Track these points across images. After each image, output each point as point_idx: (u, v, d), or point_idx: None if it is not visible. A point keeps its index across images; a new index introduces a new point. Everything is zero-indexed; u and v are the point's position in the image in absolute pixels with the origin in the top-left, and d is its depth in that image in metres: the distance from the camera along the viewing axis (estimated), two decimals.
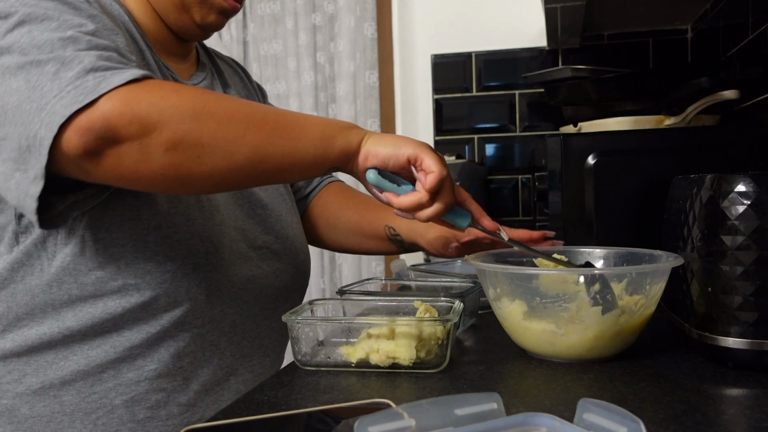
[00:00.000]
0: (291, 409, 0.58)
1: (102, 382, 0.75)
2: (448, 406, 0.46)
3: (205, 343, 0.80)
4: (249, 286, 0.83)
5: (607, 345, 0.68)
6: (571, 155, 1.05)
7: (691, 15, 1.70)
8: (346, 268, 2.10)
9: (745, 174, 0.63)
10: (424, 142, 0.70)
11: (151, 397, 0.76)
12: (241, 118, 0.63)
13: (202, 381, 0.80)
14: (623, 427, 0.42)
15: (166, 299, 0.75)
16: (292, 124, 0.66)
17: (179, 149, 0.60)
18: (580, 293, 0.69)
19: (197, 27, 0.83)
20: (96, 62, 0.61)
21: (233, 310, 0.82)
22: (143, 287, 0.74)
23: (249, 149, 0.63)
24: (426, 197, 0.68)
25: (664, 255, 0.73)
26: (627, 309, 0.68)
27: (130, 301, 0.74)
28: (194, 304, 0.77)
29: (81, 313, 0.73)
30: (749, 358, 0.64)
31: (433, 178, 0.67)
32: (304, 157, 0.66)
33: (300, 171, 0.68)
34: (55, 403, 0.74)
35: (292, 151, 0.65)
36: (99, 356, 0.74)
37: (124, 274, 0.73)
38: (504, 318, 0.74)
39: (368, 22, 2.04)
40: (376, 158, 0.68)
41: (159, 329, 0.76)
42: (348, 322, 0.78)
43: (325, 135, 0.67)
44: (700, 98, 1.12)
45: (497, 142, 1.97)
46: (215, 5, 0.82)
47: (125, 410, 0.75)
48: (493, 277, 0.74)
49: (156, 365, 0.76)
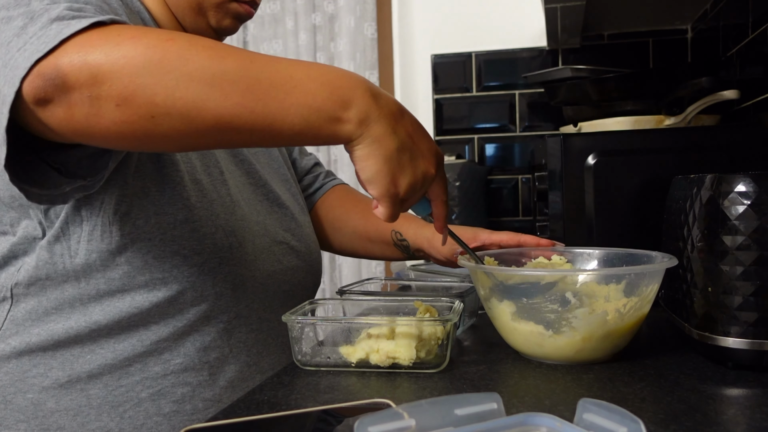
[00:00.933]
0: (291, 409, 0.58)
1: (129, 376, 0.75)
2: (448, 406, 0.46)
3: (233, 339, 0.80)
4: (270, 281, 0.85)
5: (596, 347, 0.68)
6: (571, 155, 1.05)
7: (691, 15, 1.70)
8: (346, 268, 2.10)
9: (745, 174, 0.63)
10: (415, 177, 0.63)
11: (177, 390, 0.77)
12: (206, 79, 0.54)
13: (228, 377, 0.80)
14: (623, 427, 0.42)
15: (192, 293, 0.76)
16: (272, 91, 0.56)
17: (131, 106, 0.53)
18: (567, 293, 0.69)
19: (212, 30, 0.84)
20: (63, 12, 0.56)
21: (257, 305, 0.83)
22: (170, 281, 0.75)
23: (210, 116, 0.54)
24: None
25: (659, 256, 0.73)
26: (615, 311, 0.67)
27: (157, 295, 0.75)
28: (220, 299, 0.78)
29: (109, 307, 0.74)
30: (749, 358, 0.64)
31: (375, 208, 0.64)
32: (279, 135, 0.57)
33: (278, 143, 0.60)
34: (81, 396, 0.74)
35: (264, 129, 0.56)
36: (126, 350, 0.75)
37: (152, 268, 0.74)
38: (494, 318, 0.74)
39: (368, 22, 2.04)
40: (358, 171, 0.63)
41: (185, 323, 0.77)
42: (348, 322, 0.78)
43: (310, 123, 0.57)
44: (700, 98, 1.12)
45: (497, 142, 1.97)
46: (231, 10, 0.83)
47: (151, 403, 0.76)
48: (483, 277, 0.74)
49: (182, 359, 0.77)
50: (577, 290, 0.69)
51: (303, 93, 0.56)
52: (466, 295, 0.83)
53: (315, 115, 0.57)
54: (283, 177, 0.98)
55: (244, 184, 0.88)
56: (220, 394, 0.79)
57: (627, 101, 1.21)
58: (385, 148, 0.60)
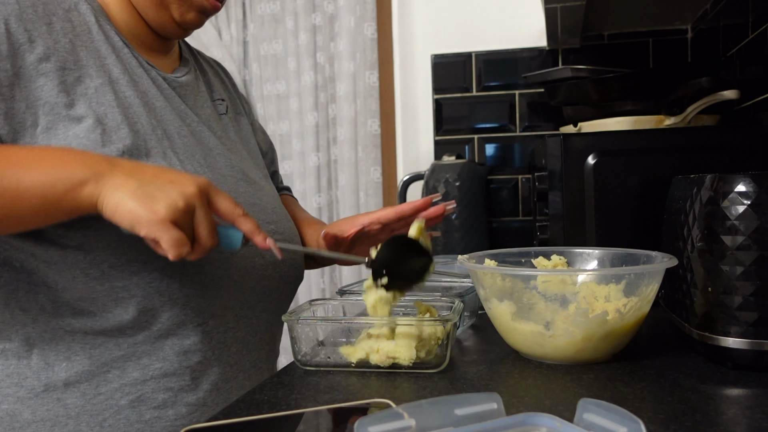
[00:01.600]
0: (291, 409, 0.58)
1: (107, 383, 0.74)
2: (448, 406, 0.46)
3: (213, 341, 0.79)
4: (246, 278, 0.82)
5: (596, 347, 0.68)
6: (571, 155, 1.05)
7: (691, 15, 1.70)
8: (346, 268, 2.10)
9: (745, 174, 0.63)
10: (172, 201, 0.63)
11: (158, 396, 0.75)
12: None
13: (212, 380, 0.79)
14: (623, 427, 0.42)
15: (159, 298, 0.74)
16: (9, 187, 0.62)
17: None
18: (565, 294, 0.69)
19: (176, 25, 0.83)
20: None
21: (233, 303, 0.81)
22: (132, 288, 0.73)
23: None
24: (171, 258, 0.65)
25: (659, 255, 0.73)
26: (615, 311, 0.67)
27: (124, 302, 0.73)
28: (190, 300, 0.76)
29: (82, 313, 0.73)
30: (749, 358, 0.64)
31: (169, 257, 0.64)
32: (23, 219, 0.64)
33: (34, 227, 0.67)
34: (58, 406, 0.73)
35: (8, 215, 0.63)
36: (103, 355, 0.74)
37: (110, 277, 0.72)
38: (494, 318, 0.74)
39: (368, 22, 2.04)
40: (117, 224, 0.64)
41: (160, 327, 0.75)
42: (348, 322, 0.78)
43: (47, 198, 0.63)
44: (700, 98, 1.12)
45: (497, 142, 1.97)
46: (195, 3, 0.82)
47: (132, 410, 0.74)
48: (482, 277, 0.74)
49: (162, 363, 0.75)
50: (577, 290, 0.69)
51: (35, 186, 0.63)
52: (466, 295, 0.83)
53: (52, 190, 0.63)
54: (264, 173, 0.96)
55: (224, 177, 0.85)
56: (204, 397, 0.78)
57: (627, 101, 1.21)
58: (128, 189, 0.63)
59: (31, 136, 0.69)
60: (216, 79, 1.00)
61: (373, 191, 2.06)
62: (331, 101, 2.14)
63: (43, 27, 0.72)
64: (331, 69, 2.13)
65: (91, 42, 0.76)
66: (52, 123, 0.70)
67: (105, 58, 0.76)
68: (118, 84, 0.76)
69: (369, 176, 2.06)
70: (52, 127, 0.70)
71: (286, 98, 2.17)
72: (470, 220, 1.77)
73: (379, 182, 2.06)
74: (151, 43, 0.85)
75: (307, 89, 2.13)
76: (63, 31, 0.74)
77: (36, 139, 0.69)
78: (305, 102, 2.13)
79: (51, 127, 0.70)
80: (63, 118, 0.70)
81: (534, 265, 0.82)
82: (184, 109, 0.84)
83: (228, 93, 1.01)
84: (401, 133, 2.06)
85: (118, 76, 0.77)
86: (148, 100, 0.79)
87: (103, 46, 0.77)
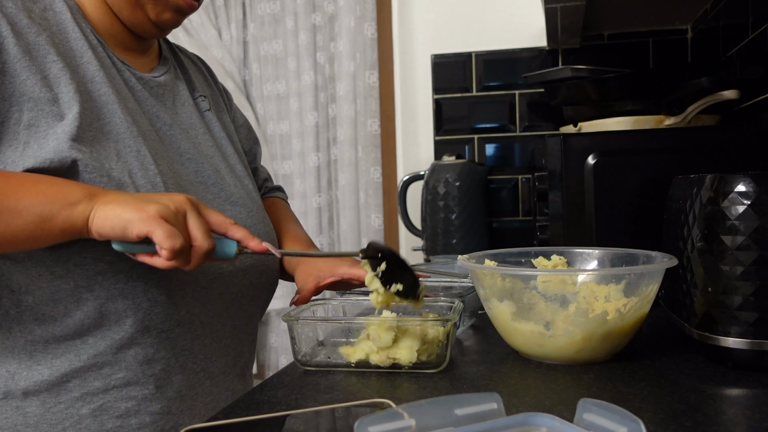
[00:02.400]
0: (291, 409, 0.58)
1: (67, 392, 0.72)
2: (448, 406, 0.46)
3: (177, 348, 0.77)
4: (215, 284, 0.80)
5: (596, 347, 0.68)
6: (571, 155, 1.05)
7: (691, 15, 1.70)
8: None
9: (745, 174, 0.63)
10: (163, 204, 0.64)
11: (120, 405, 0.74)
12: None
13: (176, 387, 0.77)
14: (623, 427, 0.42)
15: (123, 302, 0.72)
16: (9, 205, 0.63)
17: None
18: (565, 294, 0.69)
19: (152, 24, 0.82)
20: None
21: (199, 309, 0.79)
22: (96, 289, 0.71)
23: None
24: (167, 263, 0.64)
25: (660, 256, 0.73)
26: (615, 311, 0.67)
27: (87, 304, 0.71)
28: (155, 306, 0.74)
29: (43, 317, 0.71)
30: (749, 358, 0.64)
31: (164, 256, 0.63)
32: (16, 238, 0.64)
33: (23, 248, 0.66)
34: (17, 414, 0.72)
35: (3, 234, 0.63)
36: (63, 365, 0.72)
37: (75, 276, 0.71)
38: (494, 318, 0.74)
39: (368, 22, 2.04)
40: (108, 237, 0.65)
41: (123, 335, 0.73)
42: (348, 322, 0.78)
43: (43, 216, 0.64)
44: (700, 98, 1.12)
45: (497, 142, 1.97)
46: (170, 3, 0.80)
47: (93, 420, 0.73)
48: (482, 277, 0.74)
49: (124, 373, 0.74)
50: (577, 290, 0.69)
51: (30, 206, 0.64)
52: (466, 295, 0.83)
53: (47, 212, 0.64)
54: (239, 173, 0.93)
55: (191, 183, 0.82)
56: (168, 405, 0.77)
57: (627, 101, 1.21)
58: (119, 201, 0.65)
59: (13, 133, 0.69)
60: (198, 75, 0.98)
61: (373, 191, 2.06)
62: (331, 101, 2.14)
63: (24, 20, 0.71)
64: (331, 69, 2.13)
65: (67, 41, 0.75)
66: (35, 119, 0.69)
67: (81, 56, 0.76)
68: (93, 83, 0.75)
69: (369, 176, 2.06)
70: (35, 124, 0.69)
71: (286, 98, 2.17)
72: (470, 220, 1.77)
73: (379, 182, 2.07)
74: (128, 42, 0.84)
75: (307, 89, 2.13)
76: (42, 27, 0.73)
77: (18, 136, 0.69)
78: (305, 102, 2.13)
79: (33, 124, 0.69)
80: (46, 114, 0.70)
81: (534, 265, 0.82)
82: (156, 112, 0.83)
83: (210, 89, 1.00)
84: (401, 133, 2.06)
85: (94, 73, 0.76)
86: (121, 100, 0.78)
87: (79, 43, 0.76)
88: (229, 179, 0.89)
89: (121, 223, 0.63)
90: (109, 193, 0.66)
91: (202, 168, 0.86)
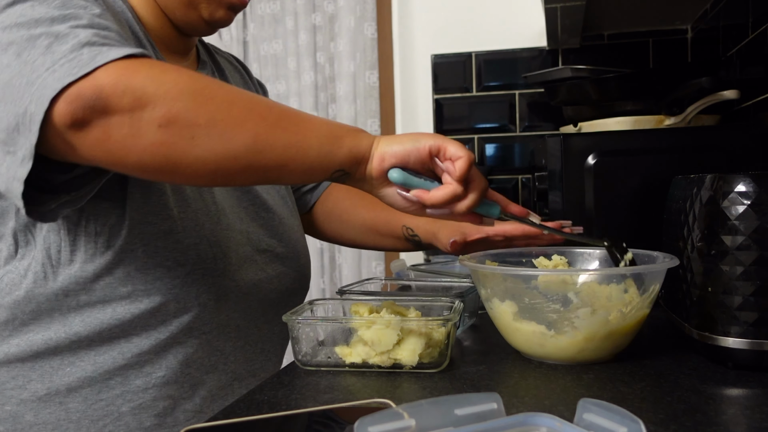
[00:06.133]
0: (291, 409, 0.58)
1: (109, 389, 0.74)
2: (448, 406, 0.46)
3: (212, 349, 0.79)
4: (254, 291, 0.83)
5: (598, 347, 0.68)
6: (571, 155, 1.05)
7: (691, 15, 1.70)
8: (346, 268, 2.10)
9: (745, 174, 0.63)
10: (439, 134, 0.66)
11: (159, 404, 0.76)
12: (244, 105, 0.59)
13: (208, 387, 0.79)
14: (623, 427, 0.42)
15: (175, 305, 0.75)
16: (298, 119, 0.62)
17: (173, 127, 0.56)
18: (567, 294, 0.69)
19: (205, 23, 0.82)
20: (92, 38, 0.57)
21: (238, 314, 0.82)
22: (153, 293, 0.73)
23: (249, 136, 0.58)
24: (459, 188, 0.63)
25: (661, 256, 0.73)
26: (617, 311, 0.67)
27: (139, 307, 0.73)
28: (203, 310, 0.77)
29: (89, 318, 0.73)
30: (749, 358, 0.64)
31: (462, 163, 0.62)
32: (307, 152, 0.61)
33: (302, 169, 0.62)
34: (60, 410, 0.73)
35: (296, 144, 0.60)
36: (106, 362, 0.74)
37: (134, 280, 0.73)
38: (495, 318, 0.74)
39: (368, 22, 2.04)
40: (394, 157, 0.63)
41: (168, 335, 0.75)
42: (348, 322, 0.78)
43: (333, 133, 0.62)
44: (700, 98, 1.12)
45: (497, 142, 1.97)
46: (224, 1, 0.81)
47: (132, 417, 0.75)
48: (483, 277, 0.74)
49: (164, 372, 0.76)
50: (579, 290, 0.69)
51: (320, 124, 0.62)
52: (466, 295, 0.83)
53: (331, 140, 0.62)
54: None
55: (228, 191, 0.86)
56: (201, 404, 0.78)
57: (627, 101, 1.21)
58: (395, 138, 0.65)
59: None
60: (235, 74, 1.00)
61: None
62: (331, 101, 2.14)
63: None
64: (331, 69, 2.13)
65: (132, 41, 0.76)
66: None
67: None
68: None
69: None
70: None
71: (286, 98, 2.17)
72: None
73: None
74: (175, 44, 0.85)
75: (307, 89, 2.13)
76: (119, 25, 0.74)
77: None
78: (305, 102, 2.13)
79: None
80: None
81: (534, 265, 0.82)
82: None
83: (247, 86, 1.01)
84: (401, 133, 2.06)
85: None
86: None
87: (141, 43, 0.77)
88: (264, 187, 0.92)
89: (410, 138, 0.64)
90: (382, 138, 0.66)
91: None
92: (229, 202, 0.84)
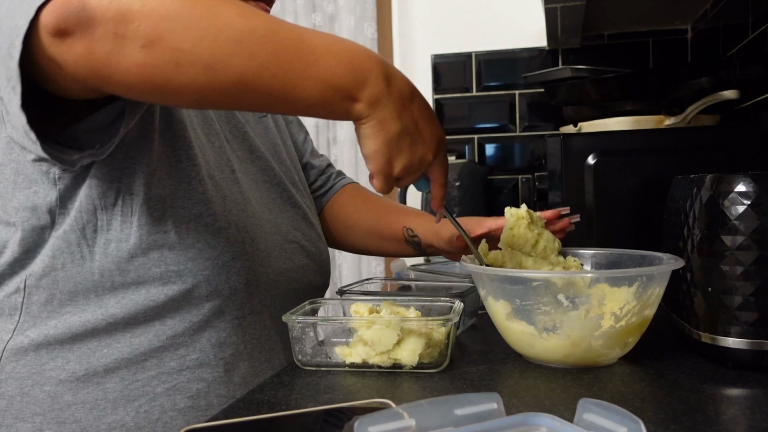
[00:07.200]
0: (291, 409, 0.58)
1: (145, 370, 0.75)
2: (448, 406, 0.46)
3: (247, 335, 0.81)
4: (281, 279, 0.85)
5: (586, 351, 0.66)
6: (571, 155, 1.05)
7: (691, 15, 1.70)
8: (346, 268, 2.10)
9: (745, 174, 0.63)
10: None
11: (192, 386, 0.77)
12: (233, 35, 0.54)
13: (242, 373, 0.80)
14: (623, 427, 0.42)
15: (207, 287, 0.76)
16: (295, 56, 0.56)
17: (156, 49, 0.53)
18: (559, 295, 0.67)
19: None
20: None
21: (269, 302, 0.84)
22: (185, 274, 0.75)
23: (233, 74, 0.55)
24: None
25: (664, 257, 0.73)
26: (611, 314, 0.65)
27: (172, 288, 0.75)
28: (234, 294, 0.79)
29: (124, 300, 0.74)
30: (749, 358, 0.64)
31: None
32: (293, 104, 0.58)
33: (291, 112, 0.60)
34: (98, 390, 0.74)
35: (282, 95, 0.57)
36: (142, 344, 0.75)
37: (167, 260, 0.74)
38: (491, 316, 0.74)
39: (368, 22, 2.04)
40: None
41: (200, 318, 0.77)
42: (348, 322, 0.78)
43: (325, 96, 0.58)
44: (700, 98, 1.12)
45: (497, 142, 1.97)
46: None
47: (167, 398, 0.76)
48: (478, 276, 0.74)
49: (198, 354, 0.77)
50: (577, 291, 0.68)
51: (323, 67, 0.57)
52: (466, 295, 0.83)
53: (331, 92, 0.58)
54: (292, 180, 0.99)
55: (257, 182, 0.89)
56: (234, 390, 0.80)
57: (627, 101, 1.21)
58: (387, 131, 0.62)
59: None
60: None
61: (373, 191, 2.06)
62: None
63: None
64: None
65: None
66: None
67: None
68: None
69: None
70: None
71: None
72: None
73: None
74: None
75: None
76: None
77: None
78: None
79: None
80: None
81: None
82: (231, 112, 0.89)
83: None
84: None
85: None
86: None
87: None
88: (287, 181, 0.95)
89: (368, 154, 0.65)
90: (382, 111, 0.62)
91: (269, 167, 0.93)
92: (255, 194, 0.87)
